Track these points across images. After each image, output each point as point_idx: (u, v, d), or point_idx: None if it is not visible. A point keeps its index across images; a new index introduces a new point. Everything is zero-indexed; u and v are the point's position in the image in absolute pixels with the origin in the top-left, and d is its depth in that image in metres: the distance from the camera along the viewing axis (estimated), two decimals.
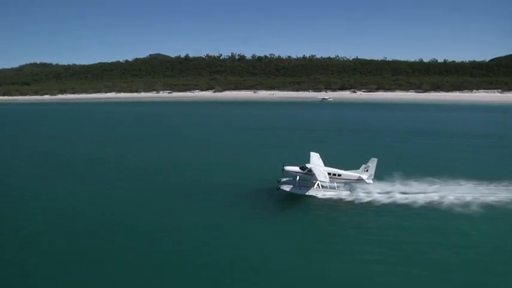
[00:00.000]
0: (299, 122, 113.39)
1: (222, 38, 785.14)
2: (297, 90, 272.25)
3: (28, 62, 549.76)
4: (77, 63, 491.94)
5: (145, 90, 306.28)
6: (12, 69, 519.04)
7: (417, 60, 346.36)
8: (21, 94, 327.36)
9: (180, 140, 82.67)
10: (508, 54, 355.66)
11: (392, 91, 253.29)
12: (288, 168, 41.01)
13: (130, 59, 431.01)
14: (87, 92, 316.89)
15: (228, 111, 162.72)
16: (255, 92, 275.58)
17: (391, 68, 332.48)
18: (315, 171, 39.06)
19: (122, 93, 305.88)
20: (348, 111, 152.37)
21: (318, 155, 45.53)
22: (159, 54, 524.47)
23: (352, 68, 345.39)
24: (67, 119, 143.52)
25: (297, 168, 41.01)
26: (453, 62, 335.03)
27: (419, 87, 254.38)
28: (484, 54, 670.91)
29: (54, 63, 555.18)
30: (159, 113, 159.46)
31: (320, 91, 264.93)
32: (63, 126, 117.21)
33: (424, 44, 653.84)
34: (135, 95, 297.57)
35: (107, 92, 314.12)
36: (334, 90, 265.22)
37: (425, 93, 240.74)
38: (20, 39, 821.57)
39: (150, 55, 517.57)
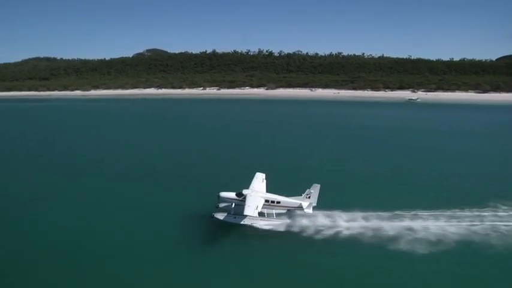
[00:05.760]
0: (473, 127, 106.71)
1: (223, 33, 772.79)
2: (354, 89, 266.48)
3: (31, 57, 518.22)
4: (81, 57, 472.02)
5: (189, 87, 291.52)
6: (16, 63, 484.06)
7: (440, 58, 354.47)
8: (49, 90, 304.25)
9: None
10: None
11: (452, 91, 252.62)
12: (223, 194, 37.20)
13: (130, 55, 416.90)
14: (123, 87, 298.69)
15: (346, 111, 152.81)
16: (311, 90, 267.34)
17: (427, 67, 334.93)
18: (247, 200, 34.77)
19: (163, 89, 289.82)
20: (471, 114, 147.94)
21: (263, 175, 41.53)
22: (155, 49, 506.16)
23: (389, 67, 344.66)
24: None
25: (232, 195, 37.12)
26: (487, 60, 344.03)
27: (476, 88, 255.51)
28: (486, 53, 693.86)
29: (58, 58, 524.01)
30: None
31: (379, 90, 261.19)
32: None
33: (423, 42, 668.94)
34: (179, 91, 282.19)
35: (145, 88, 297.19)
36: (392, 89, 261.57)
37: (488, 94, 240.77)
38: (20, 33, 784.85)
39: (146, 50, 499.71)
